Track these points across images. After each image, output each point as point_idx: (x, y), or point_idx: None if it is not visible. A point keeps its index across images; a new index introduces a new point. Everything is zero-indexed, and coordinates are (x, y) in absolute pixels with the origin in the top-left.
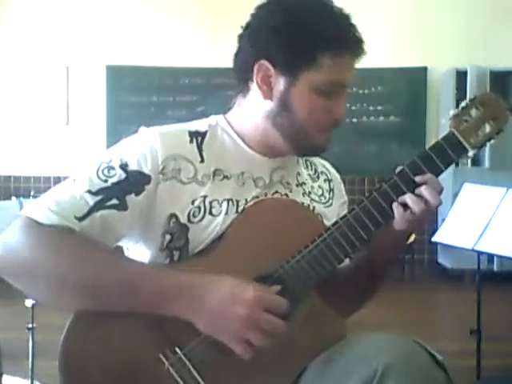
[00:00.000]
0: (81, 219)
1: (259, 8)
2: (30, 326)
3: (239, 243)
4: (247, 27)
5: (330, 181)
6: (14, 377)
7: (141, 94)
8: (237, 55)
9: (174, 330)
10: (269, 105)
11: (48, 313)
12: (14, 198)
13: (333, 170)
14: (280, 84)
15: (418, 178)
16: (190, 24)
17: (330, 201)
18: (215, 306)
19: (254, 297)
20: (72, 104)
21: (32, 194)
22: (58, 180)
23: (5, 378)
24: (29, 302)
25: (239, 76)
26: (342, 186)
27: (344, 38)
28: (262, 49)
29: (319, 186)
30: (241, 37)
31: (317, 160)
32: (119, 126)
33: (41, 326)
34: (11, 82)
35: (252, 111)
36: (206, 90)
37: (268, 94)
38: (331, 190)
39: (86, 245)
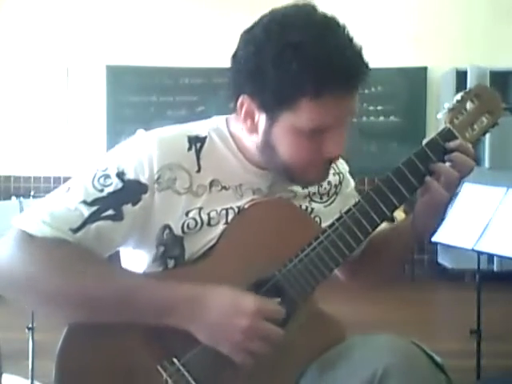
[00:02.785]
0: (75, 231)
1: (244, 36)
2: (30, 325)
3: (235, 247)
4: (234, 56)
5: (339, 174)
6: (14, 376)
7: (141, 94)
8: (229, 83)
9: (171, 341)
10: (255, 138)
11: None
12: (14, 197)
13: (341, 161)
14: (262, 121)
15: (450, 144)
16: (190, 24)
17: (334, 197)
18: (216, 317)
19: (255, 307)
20: (72, 104)
21: (32, 193)
22: (58, 180)
23: (5, 377)
24: None
25: (231, 100)
26: (349, 175)
27: (325, 79)
28: (243, 84)
29: (328, 182)
30: (230, 66)
31: None
32: (119, 126)
33: (41, 326)
34: (11, 82)
35: (245, 137)
36: (206, 90)
37: (252, 128)
38: (340, 183)
39: (80, 257)
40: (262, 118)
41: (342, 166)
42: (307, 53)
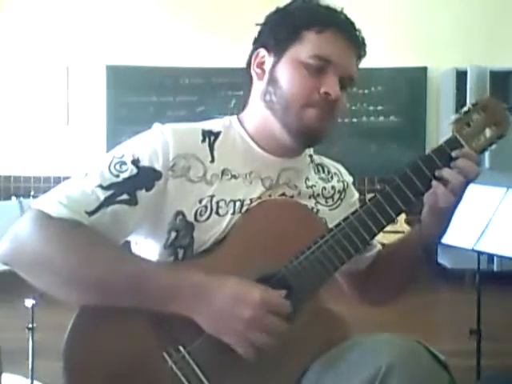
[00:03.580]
0: (91, 214)
1: None
2: (30, 325)
3: (242, 243)
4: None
5: (343, 181)
6: (14, 375)
7: (141, 94)
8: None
9: (177, 329)
10: (261, 85)
11: (48, 313)
12: (14, 197)
13: (345, 172)
14: (269, 63)
15: (454, 153)
16: (190, 24)
17: (338, 202)
18: (220, 306)
19: (260, 298)
20: (72, 104)
21: (32, 193)
22: (58, 180)
23: (4, 376)
24: (29, 302)
25: (247, 71)
26: (352, 187)
27: (326, 17)
28: (261, 40)
29: (332, 187)
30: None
31: (329, 162)
32: (119, 126)
33: (41, 326)
34: (11, 82)
35: (253, 101)
36: (205, 90)
37: (261, 75)
38: (344, 189)
39: (95, 239)
40: (269, 61)
41: (346, 176)
42: (319, 2)
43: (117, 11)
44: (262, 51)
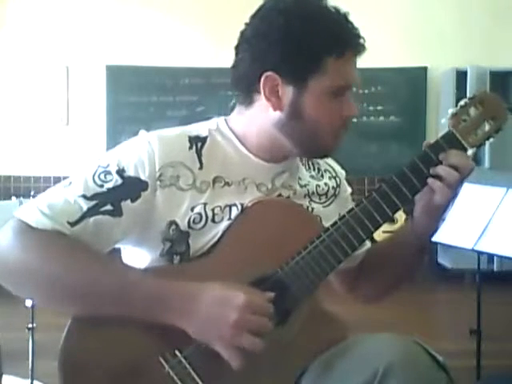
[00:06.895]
0: (73, 224)
1: (255, 17)
2: (30, 325)
3: (237, 245)
4: (245, 38)
5: (335, 177)
6: (13, 377)
7: (141, 94)
8: (236, 67)
9: (173, 333)
10: (278, 115)
11: (48, 313)
12: (14, 197)
13: (337, 167)
14: (289, 93)
15: (441, 156)
16: (190, 24)
17: (332, 198)
18: (205, 313)
19: (243, 301)
20: (72, 104)
21: (32, 194)
22: (58, 180)
23: (5, 377)
24: (29, 302)
25: (241, 87)
26: (345, 181)
27: (344, 39)
28: (267, 60)
29: (325, 184)
30: (238, 48)
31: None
32: (119, 126)
33: (41, 326)
34: (11, 81)
35: (258, 121)
36: (206, 90)
37: (277, 105)
38: (338, 185)
39: (76, 249)
40: (288, 91)
41: (339, 170)
42: (329, 17)
43: (116, 11)
44: (273, 76)
